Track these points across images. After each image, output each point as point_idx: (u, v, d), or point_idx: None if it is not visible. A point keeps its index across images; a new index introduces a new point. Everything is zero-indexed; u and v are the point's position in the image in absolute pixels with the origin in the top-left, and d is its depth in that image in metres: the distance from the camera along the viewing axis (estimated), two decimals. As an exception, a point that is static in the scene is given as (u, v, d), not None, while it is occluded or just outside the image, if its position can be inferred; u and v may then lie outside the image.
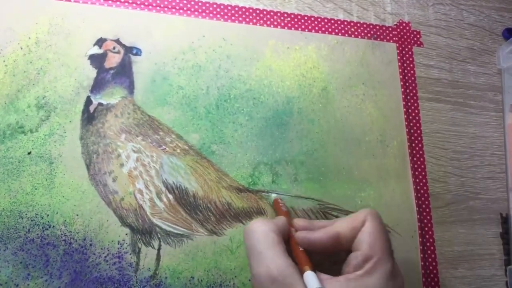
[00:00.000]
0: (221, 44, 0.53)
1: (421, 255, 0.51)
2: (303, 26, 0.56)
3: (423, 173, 0.54)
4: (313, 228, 0.41)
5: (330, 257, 0.40)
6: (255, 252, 0.36)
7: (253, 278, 0.35)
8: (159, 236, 0.45)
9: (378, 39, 0.58)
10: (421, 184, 0.54)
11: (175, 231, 0.46)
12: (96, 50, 0.49)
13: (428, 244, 0.51)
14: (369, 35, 0.58)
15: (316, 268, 0.36)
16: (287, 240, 0.39)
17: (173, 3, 0.54)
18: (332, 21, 0.58)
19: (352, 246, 0.38)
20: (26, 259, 0.42)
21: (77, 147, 0.46)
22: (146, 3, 0.53)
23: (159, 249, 0.45)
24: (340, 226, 0.39)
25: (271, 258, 0.35)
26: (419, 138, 0.56)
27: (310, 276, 0.34)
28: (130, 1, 0.52)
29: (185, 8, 0.54)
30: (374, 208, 0.50)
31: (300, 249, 0.38)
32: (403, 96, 0.57)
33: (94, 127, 0.47)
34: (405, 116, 0.56)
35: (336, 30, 0.57)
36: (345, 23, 0.58)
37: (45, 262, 0.42)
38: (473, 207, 0.55)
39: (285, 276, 0.33)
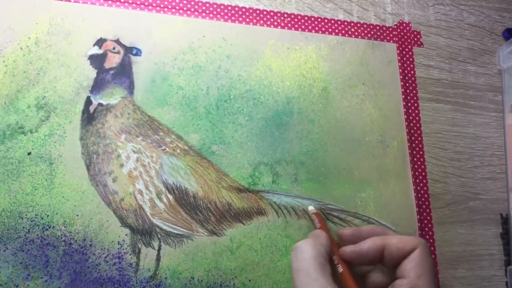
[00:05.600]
0: (221, 44, 0.53)
1: (421, 256, 0.50)
2: (303, 26, 0.56)
3: (423, 174, 0.54)
4: (361, 234, 0.40)
5: (364, 280, 0.40)
6: (305, 273, 0.36)
7: None
8: (159, 237, 0.45)
9: (378, 39, 0.58)
10: (421, 184, 0.54)
11: (175, 232, 0.45)
12: (96, 50, 0.49)
13: (428, 244, 0.51)
14: (369, 35, 0.58)
15: None
16: (331, 257, 0.40)
17: (173, 3, 0.53)
18: (332, 21, 0.58)
19: (397, 271, 0.38)
20: (26, 260, 0.42)
21: (77, 148, 0.46)
22: (146, 3, 0.53)
23: (159, 250, 0.45)
24: (390, 240, 0.38)
25: (319, 284, 0.35)
26: (419, 139, 0.56)
27: None
28: (130, 1, 0.52)
29: (185, 8, 0.54)
30: (374, 208, 0.51)
31: (346, 269, 0.38)
32: (403, 96, 0.56)
33: (94, 127, 0.47)
34: (405, 116, 0.56)
35: (336, 30, 0.57)
36: (345, 23, 0.58)
37: (45, 262, 0.42)
38: (473, 207, 0.55)
39: None
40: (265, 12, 0.56)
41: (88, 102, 0.48)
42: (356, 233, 0.41)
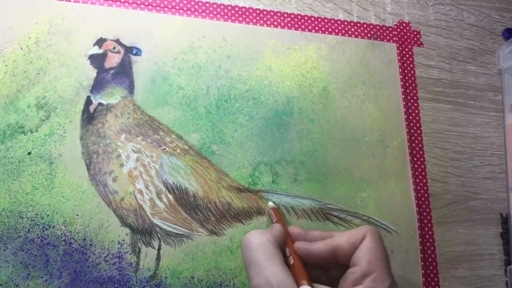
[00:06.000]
0: (221, 44, 0.53)
1: (421, 255, 0.51)
2: (303, 26, 0.56)
3: (423, 173, 0.54)
4: (308, 236, 0.40)
5: (327, 273, 0.40)
6: (254, 263, 0.35)
7: None
8: (159, 236, 0.45)
9: (378, 39, 0.58)
10: (421, 184, 0.54)
11: (175, 231, 0.46)
12: (96, 50, 0.49)
13: (428, 244, 0.51)
14: (369, 35, 0.58)
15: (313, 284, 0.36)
16: (284, 249, 0.39)
17: (173, 3, 0.54)
18: (332, 21, 0.58)
19: (350, 262, 0.37)
20: (26, 259, 0.42)
21: (77, 147, 0.46)
22: (146, 3, 0.53)
23: (159, 249, 0.45)
24: (340, 239, 0.38)
25: (270, 270, 0.34)
26: (419, 138, 0.56)
27: None
28: (130, 1, 0.52)
29: (185, 8, 0.54)
30: (374, 208, 0.51)
31: (298, 261, 0.38)
32: (403, 96, 0.57)
33: (94, 127, 0.47)
34: (405, 116, 0.56)
35: (336, 30, 0.57)
36: (345, 23, 0.58)
37: (45, 262, 0.42)
38: (473, 207, 0.55)
39: (284, 287, 0.33)
40: (265, 12, 0.56)
41: (88, 101, 0.48)
42: (304, 234, 0.41)
